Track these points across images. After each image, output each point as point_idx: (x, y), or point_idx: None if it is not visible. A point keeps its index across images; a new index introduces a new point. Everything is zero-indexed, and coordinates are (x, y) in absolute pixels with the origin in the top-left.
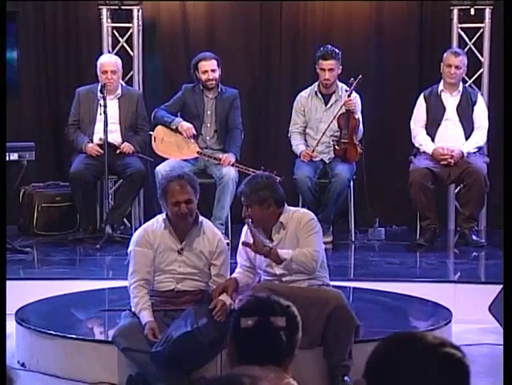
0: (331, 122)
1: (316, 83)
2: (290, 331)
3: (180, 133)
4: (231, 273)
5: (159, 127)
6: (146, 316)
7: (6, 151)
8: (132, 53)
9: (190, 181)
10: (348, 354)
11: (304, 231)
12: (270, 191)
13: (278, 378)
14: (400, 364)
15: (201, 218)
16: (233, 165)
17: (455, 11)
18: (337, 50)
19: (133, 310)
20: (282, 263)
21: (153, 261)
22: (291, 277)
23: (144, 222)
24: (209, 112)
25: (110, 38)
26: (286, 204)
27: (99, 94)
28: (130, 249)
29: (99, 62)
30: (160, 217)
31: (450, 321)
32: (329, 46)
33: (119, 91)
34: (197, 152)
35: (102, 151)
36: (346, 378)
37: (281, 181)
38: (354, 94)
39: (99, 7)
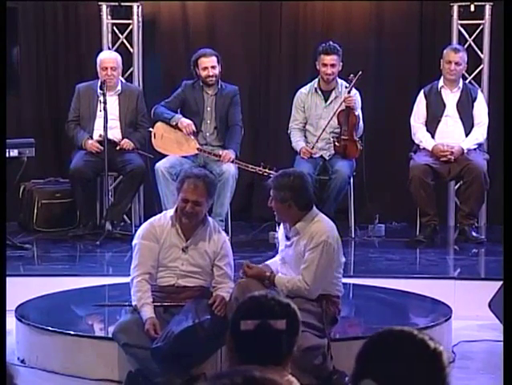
0: (331, 118)
1: (316, 80)
2: (291, 332)
3: (180, 130)
4: (236, 270)
5: (159, 124)
6: (148, 312)
7: (6, 147)
8: (131, 49)
9: (207, 184)
10: (320, 359)
11: (311, 253)
12: (292, 193)
13: (278, 376)
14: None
15: (208, 219)
16: (232, 162)
17: (455, 8)
18: (338, 47)
19: (134, 303)
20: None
21: (158, 255)
22: None
23: (145, 219)
24: (208, 109)
25: (110, 35)
26: (313, 207)
27: (99, 90)
28: (135, 242)
29: (98, 59)
30: (168, 213)
31: (450, 317)
32: (331, 42)
33: (119, 87)
34: (197, 149)
35: (102, 148)
36: (331, 372)
37: None
38: (354, 90)
39: (99, 4)
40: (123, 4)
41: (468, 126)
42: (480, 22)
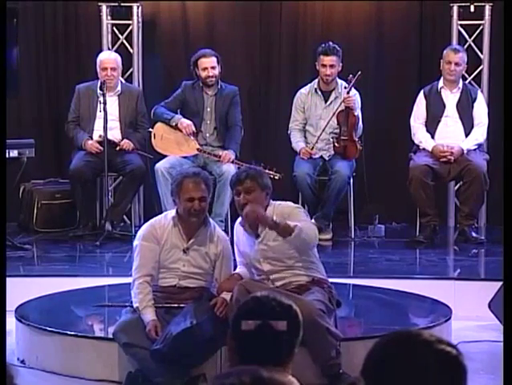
0: (330, 119)
1: (316, 80)
2: (291, 333)
3: (180, 130)
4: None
5: (158, 124)
6: (149, 314)
7: (6, 148)
8: (131, 50)
9: (205, 179)
10: (334, 352)
11: (294, 218)
12: (268, 180)
13: (281, 377)
14: (397, 362)
15: (210, 220)
16: (232, 162)
17: (455, 8)
18: (338, 47)
19: (136, 305)
20: (292, 234)
21: (159, 256)
22: (279, 275)
23: (144, 219)
24: (208, 109)
25: (110, 35)
26: None
27: (98, 91)
28: (136, 243)
29: (98, 59)
30: (170, 214)
31: (450, 318)
32: (330, 43)
33: (118, 88)
34: (197, 149)
35: (101, 148)
36: (341, 371)
37: (280, 178)
38: (353, 91)
39: (99, 4)
40: (122, 4)
41: (468, 126)
42: (480, 22)
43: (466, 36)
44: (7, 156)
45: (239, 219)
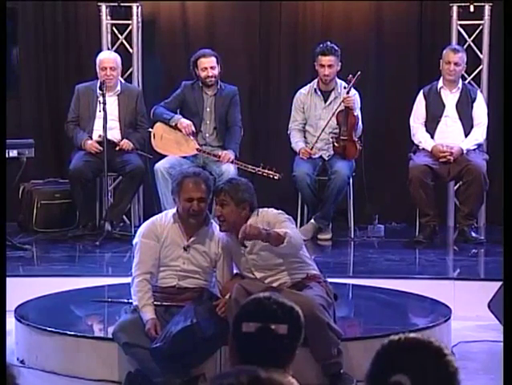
0: (330, 119)
1: (315, 80)
2: (292, 336)
3: (180, 130)
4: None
5: (158, 124)
6: (149, 313)
7: (6, 148)
8: (131, 50)
9: (205, 180)
10: (336, 350)
11: (279, 226)
12: (249, 195)
13: (281, 378)
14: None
15: (211, 220)
16: (232, 162)
17: (454, 8)
18: (336, 47)
19: (135, 303)
20: (285, 240)
21: (159, 254)
22: (273, 278)
23: (144, 219)
24: (208, 109)
25: (109, 35)
26: None
27: (98, 91)
28: (136, 240)
29: (98, 59)
30: (170, 212)
31: (449, 318)
32: (328, 43)
33: (118, 87)
34: (197, 149)
35: (101, 148)
36: (342, 371)
37: (280, 178)
38: (353, 91)
39: (99, 4)
40: (122, 4)
41: (467, 126)
42: (479, 22)
43: (466, 36)
44: (7, 156)
45: None
